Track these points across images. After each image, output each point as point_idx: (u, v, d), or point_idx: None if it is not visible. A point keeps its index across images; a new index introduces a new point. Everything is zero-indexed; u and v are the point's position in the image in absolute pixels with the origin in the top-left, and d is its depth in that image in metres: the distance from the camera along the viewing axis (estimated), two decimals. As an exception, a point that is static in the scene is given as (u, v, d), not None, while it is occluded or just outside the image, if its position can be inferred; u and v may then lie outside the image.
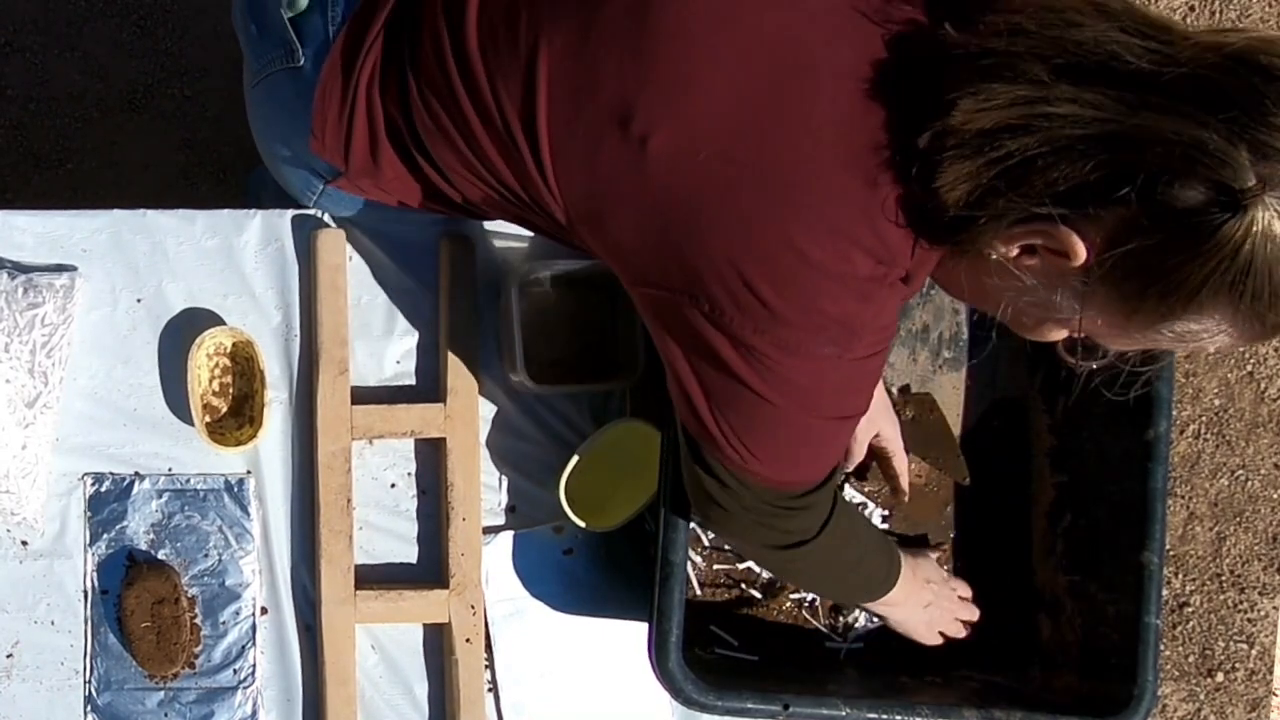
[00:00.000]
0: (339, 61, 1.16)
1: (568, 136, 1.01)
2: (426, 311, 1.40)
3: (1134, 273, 0.87)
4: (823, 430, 1.02)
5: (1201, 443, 2.37)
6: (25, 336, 1.33)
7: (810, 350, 0.95)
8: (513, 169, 1.07)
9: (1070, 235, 0.88)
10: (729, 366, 0.97)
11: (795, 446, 1.02)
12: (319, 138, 1.19)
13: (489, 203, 1.16)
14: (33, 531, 1.36)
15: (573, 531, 1.41)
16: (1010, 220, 0.90)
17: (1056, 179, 0.86)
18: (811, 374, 0.96)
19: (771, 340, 0.95)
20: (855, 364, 0.97)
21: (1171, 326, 0.89)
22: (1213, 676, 2.35)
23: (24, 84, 2.20)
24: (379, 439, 1.39)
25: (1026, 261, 0.92)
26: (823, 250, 0.93)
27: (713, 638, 1.39)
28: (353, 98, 1.15)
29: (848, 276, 0.94)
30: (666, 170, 0.96)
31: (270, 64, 1.22)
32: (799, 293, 0.94)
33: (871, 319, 0.96)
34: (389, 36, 1.14)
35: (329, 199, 1.31)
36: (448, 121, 1.09)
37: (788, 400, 0.98)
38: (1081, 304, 0.91)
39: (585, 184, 1.02)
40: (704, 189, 0.95)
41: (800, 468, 1.04)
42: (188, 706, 1.36)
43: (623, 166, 0.98)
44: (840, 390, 0.99)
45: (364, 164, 1.19)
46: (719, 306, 0.95)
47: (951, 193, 0.90)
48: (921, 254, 0.96)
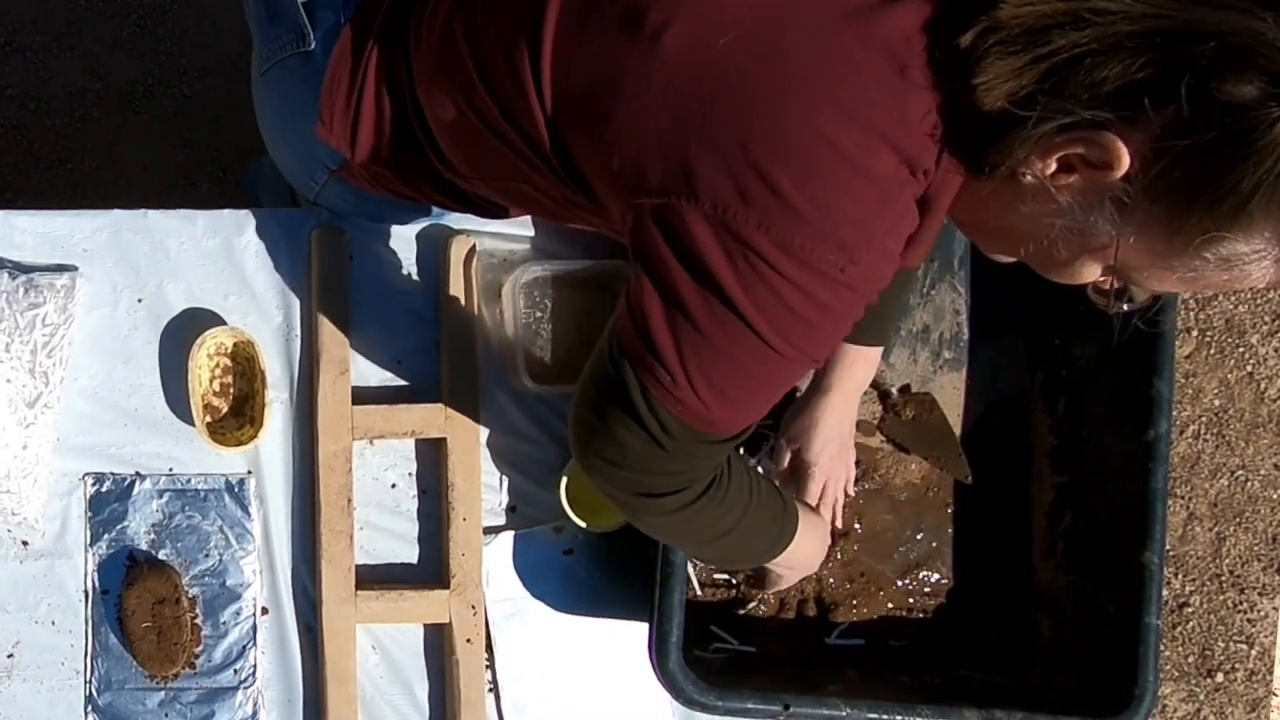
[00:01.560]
0: (349, 45, 1.17)
1: (571, 48, 0.97)
2: (427, 312, 1.40)
3: (1180, 181, 0.82)
4: (776, 366, 0.96)
5: (1201, 443, 2.37)
6: (26, 336, 1.33)
7: (813, 254, 0.89)
8: (500, 93, 1.03)
9: (1115, 141, 0.83)
10: (712, 275, 0.91)
11: (742, 379, 0.96)
12: (326, 123, 1.19)
13: (475, 163, 1.12)
14: (33, 531, 1.36)
15: (573, 532, 1.41)
16: (1051, 127, 0.85)
17: (1104, 78, 0.82)
18: (802, 286, 0.91)
19: (775, 238, 0.89)
20: (847, 286, 0.91)
21: (1217, 249, 0.84)
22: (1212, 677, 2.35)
23: (24, 84, 2.20)
24: (380, 439, 1.39)
25: (1064, 180, 0.87)
26: (849, 139, 0.88)
27: (713, 638, 1.39)
28: (361, 81, 1.16)
29: (872, 172, 0.89)
30: (680, 60, 0.92)
31: (281, 49, 1.23)
32: (822, 182, 0.88)
33: (885, 231, 0.91)
34: (397, 16, 1.15)
35: (331, 191, 1.31)
36: (441, 74, 1.08)
37: (764, 317, 0.92)
38: (1121, 222, 0.86)
39: (583, 83, 0.97)
40: (721, 76, 0.90)
41: (733, 405, 0.98)
42: (188, 707, 1.36)
43: (631, 62, 0.94)
44: (820, 316, 0.93)
45: (369, 149, 1.19)
46: (722, 201, 0.89)
47: (991, 92, 0.85)
48: (945, 170, 0.92)
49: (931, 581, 1.45)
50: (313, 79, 1.19)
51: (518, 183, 1.12)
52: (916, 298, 1.47)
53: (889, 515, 1.45)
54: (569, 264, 1.38)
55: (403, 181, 1.23)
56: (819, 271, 0.90)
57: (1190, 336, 2.38)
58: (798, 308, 0.91)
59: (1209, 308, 2.38)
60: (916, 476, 1.46)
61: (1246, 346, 2.39)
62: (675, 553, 1.22)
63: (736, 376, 0.96)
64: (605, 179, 0.99)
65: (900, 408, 1.45)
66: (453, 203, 1.25)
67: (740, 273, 0.90)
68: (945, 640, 1.44)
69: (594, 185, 1.02)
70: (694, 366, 0.94)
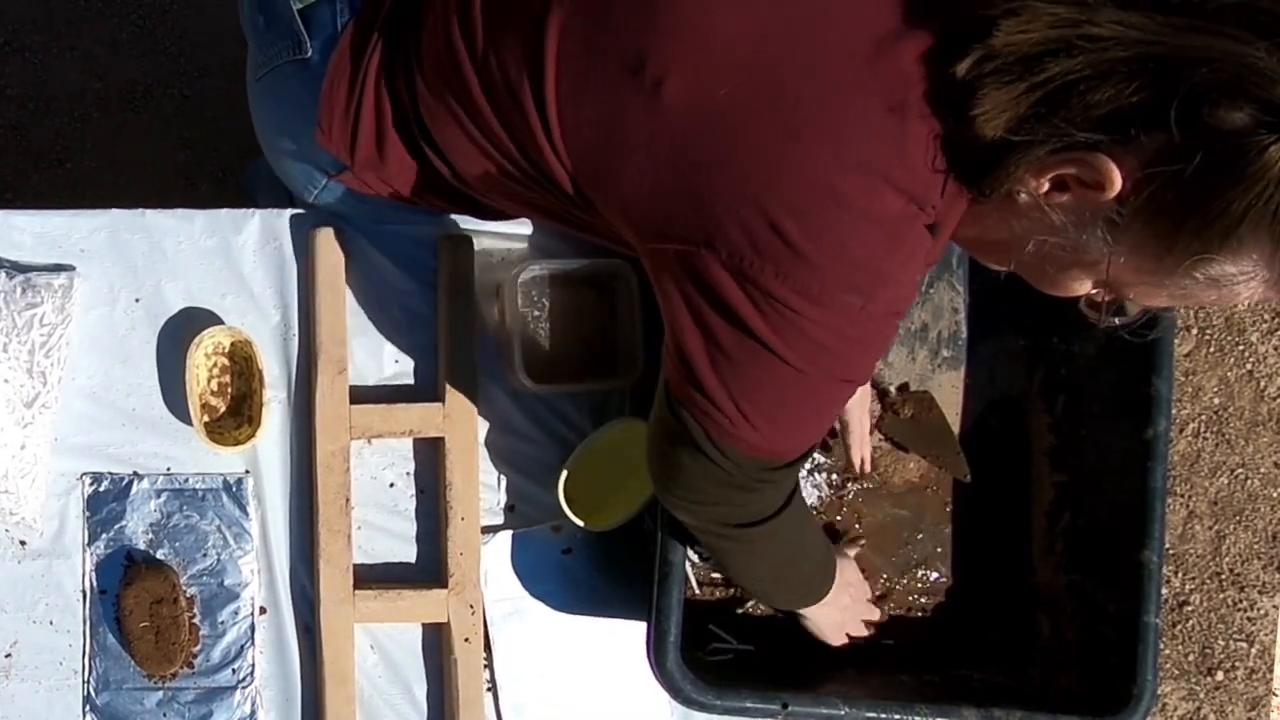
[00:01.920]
0: (347, 52, 1.16)
1: (576, 94, 0.98)
2: (426, 311, 1.40)
3: (1171, 205, 0.83)
4: (822, 392, 0.99)
5: (1201, 441, 2.37)
6: (24, 336, 1.33)
7: (832, 298, 0.91)
8: (516, 135, 1.05)
9: (1107, 163, 0.84)
10: (741, 319, 0.93)
11: (792, 408, 0.99)
12: (325, 130, 1.19)
13: (492, 183, 1.13)
14: (31, 531, 1.36)
15: (572, 531, 1.41)
16: (1046, 150, 0.86)
17: (1097, 102, 0.83)
18: (828, 326, 0.93)
19: (793, 286, 0.91)
20: (872, 320, 0.94)
21: (1206, 269, 0.85)
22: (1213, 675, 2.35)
23: (24, 84, 2.20)
24: (377, 438, 1.39)
25: (1057, 198, 0.89)
26: (852, 185, 0.89)
27: (711, 637, 1.39)
28: (360, 88, 1.15)
29: (878, 214, 0.90)
30: (682, 114, 0.93)
31: (277, 56, 1.22)
32: (826, 230, 0.90)
33: (898, 268, 0.93)
34: (396, 25, 1.14)
35: (330, 194, 1.31)
36: (449, 95, 1.08)
37: (798, 354, 0.94)
38: (1113, 242, 0.88)
39: (594, 139, 0.99)
40: (722, 128, 0.92)
41: (790, 433, 1.01)
42: (186, 706, 1.36)
43: (635, 116, 0.95)
44: (852, 347, 0.96)
45: (369, 156, 1.19)
46: (738, 252, 0.91)
47: (990, 122, 0.87)
48: (950, 198, 0.93)
49: (931, 581, 1.45)
50: (310, 85, 1.19)
51: (532, 205, 1.14)
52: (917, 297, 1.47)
53: (888, 514, 1.45)
54: (568, 263, 1.38)
55: (403, 187, 1.23)
56: (841, 311, 0.92)
57: (1190, 334, 2.38)
58: (829, 344, 0.94)
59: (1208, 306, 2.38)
60: (915, 475, 1.46)
61: (1246, 344, 2.38)
62: (673, 551, 1.22)
63: (787, 407, 0.99)
64: (624, 226, 1.02)
65: (899, 406, 1.45)
66: (456, 208, 1.25)
67: (766, 316, 0.93)
68: (945, 640, 1.44)
69: (615, 222, 1.04)
70: (745, 403, 0.97)
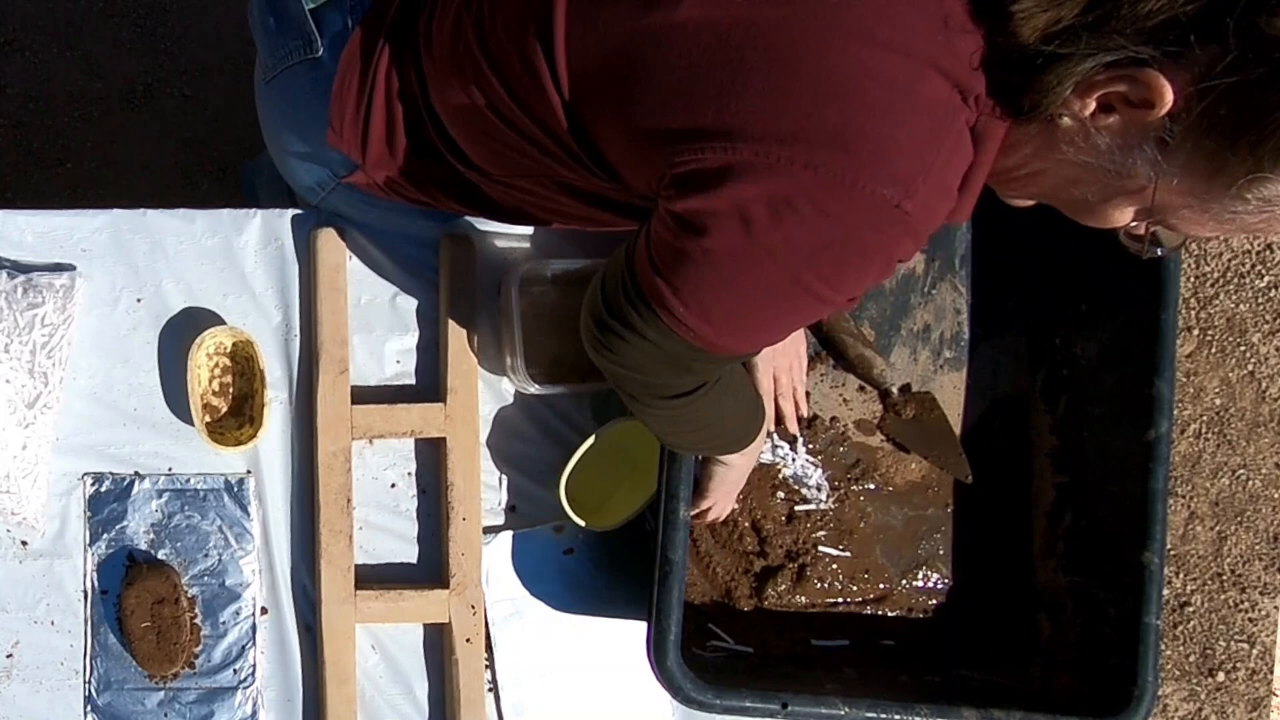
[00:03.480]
0: (358, 50, 1.16)
1: (585, 33, 0.96)
2: (426, 311, 1.40)
3: (1225, 120, 0.81)
4: (810, 306, 0.93)
5: (1203, 442, 2.37)
6: (25, 337, 1.33)
7: (863, 190, 0.86)
8: (511, 82, 1.02)
9: (1158, 78, 0.81)
10: (751, 224, 0.87)
11: (759, 314, 0.94)
12: (336, 129, 1.19)
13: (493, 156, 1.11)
14: (33, 531, 1.36)
15: (573, 531, 1.41)
16: (1093, 64, 0.83)
17: (1148, 13, 0.81)
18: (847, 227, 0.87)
19: (822, 176, 0.85)
20: (893, 229, 0.88)
21: (1259, 189, 0.82)
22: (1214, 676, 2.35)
23: (24, 83, 2.20)
24: (379, 439, 1.39)
25: (1104, 120, 0.86)
26: (897, 68, 0.86)
27: (711, 637, 1.39)
28: (371, 85, 1.15)
29: (922, 98, 0.86)
30: (703, 22, 0.89)
31: (287, 57, 1.22)
32: (868, 112, 0.85)
33: (941, 165, 0.88)
34: (405, 20, 1.14)
35: (338, 197, 1.30)
36: (452, 67, 1.08)
37: (803, 263, 0.88)
38: (1163, 163, 0.84)
39: (605, 60, 0.96)
40: (750, 27, 0.88)
41: (746, 336, 0.97)
42: (187, 706, 1.36)
43: (652, 32, 0.92)
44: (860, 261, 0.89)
45: (381, 154, 1.19)
46: (762, 148, 0.86)
47: (1029, 21, 0.83)
48: (988, 114, 0.89)
49: (932, 581, 1.45)
50: (322, 85, 1.19)
51: (540, 179, 1.12)
52: (918, 297, 1.47)
53: (889, 514, 1.45)
54: (569, 263, 1.38)
55: (415, 186, 1.22)
56: (871, 207, 0.87)
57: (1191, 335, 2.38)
58: (842, 250, 0.89)
59: (1210, 307, 2.38)
60: (917, 476, 1.46)
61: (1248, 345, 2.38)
62: (674, 551, 1.22)
63: (767, 316, 0.95)
64: (630, 151, 0.97)
65: (900, 407, 1.45)
66: (468, 208, 1.24)
67: (782, 218, 0.87)
68: (945, 640, 1.44)
69: (616, 162, 1.00)
70: (716, 305, 0.93)
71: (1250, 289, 2.39)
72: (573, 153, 1.04)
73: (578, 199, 1.12)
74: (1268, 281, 2.39)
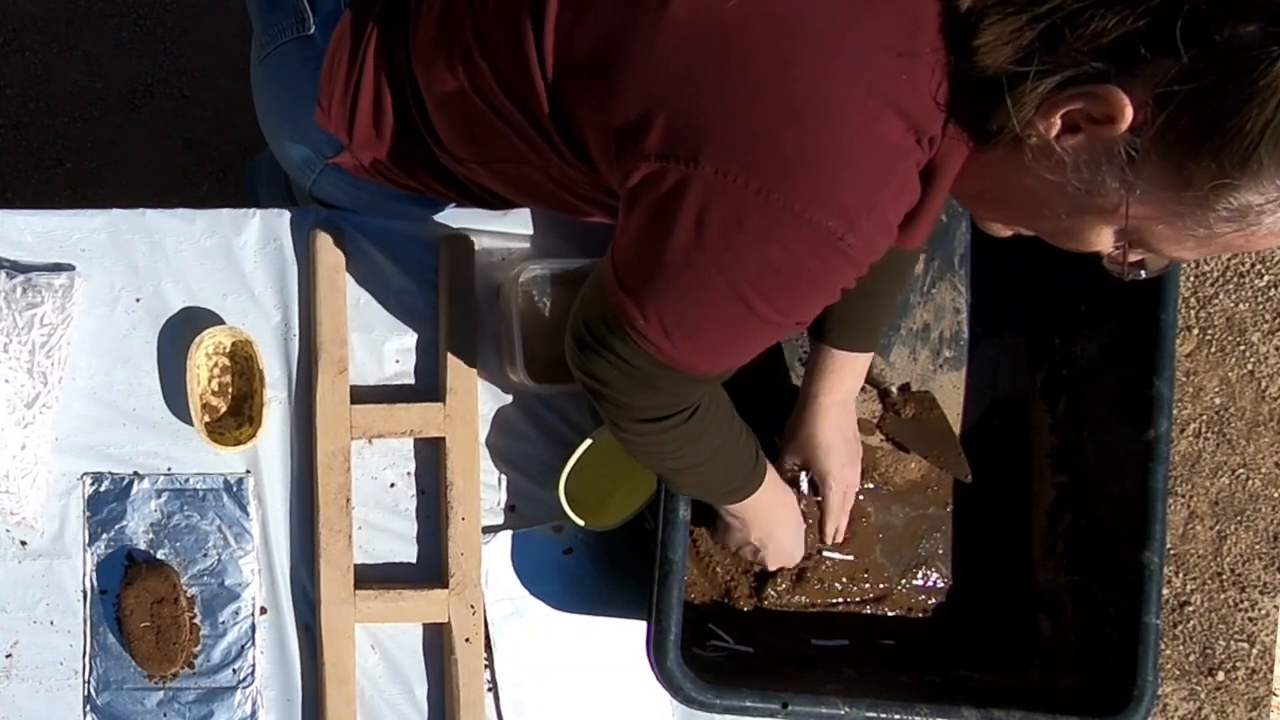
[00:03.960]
0: (348, 28, 1.17)
1: (577, 19, 0.98)
2: (426, 311, 1.40)
3: (1187, 129, 0.82)
4: (759, 328, 0.97)
5: (1202, 441, 2.37)
6: (24, 336, 1.33)
7: (813, 219, 0.89)
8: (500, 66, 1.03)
9: (1117, 93, 0.83)
10: (703, 240, 0.90)
11: (724, 335, 0.98)
12: (325, 108, 1.19)
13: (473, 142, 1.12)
14: (32, 531, 1.36)
15: (572, 531, 1.41)
16: (1052, 83, 0.85)
17: (1102, 31, 0.82)
18: (794, 250, 0.90)
19: (775, 201, 0.88)
20: (841, 255, 0.91)
21: (1228, 199, 0.83)
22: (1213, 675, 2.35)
23: (24, 83, 2.20)
24: (378, 438, 1.39)
25: (1069, 140, 0.87)
26: (858, 103, 0.88)
27: (711, 636, 1.39)
28: (360, 64, 1.16)
29: (877, 138, 0.89)
30: (688, 23, 0.91)
31: (280, 34, 1.22)
32: (824, 145, 0.88)
33: (887, 203, 0.91)
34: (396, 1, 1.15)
35: (327, 180, 1.31)
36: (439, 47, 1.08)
37: (750, 285, 0.92)
38: (1131, 177, 0.86)
39: (591, 53, 0.97)
40: (729, 39, 0.90)
41: (709, 354, 1.00)
42: (187, 706, 1.36)
43: (640, 26, 0.93)
44: (806, 286, 0.93)
45: (367, 134, 1.19)
46: (723, 166, 0.89)
47: (992, 54, 0.86)
48: (951, 140, 0.92)
49: (932, 581, 1.45)
50: (312, 63, 1.19)
51: (514, 163, 1.12)
52: (917, 296, 1.46)
53: (888, 514, 1.45)
54: (568, 263, 1.38)
55: (400, 169, 1.23)
56: (816, 237, 0.90)
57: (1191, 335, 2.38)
58: (788, 275, 0.92)
59: (1209, 306, 2.38)
60: (916, 475, 1.46)
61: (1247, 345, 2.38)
62: (674, 551, 1.22)
63: (719, 333, 0.97)
64: (605, 142, 0.99)
65: (900, 406, 1.45)
66: (450, 192, 1.25)
67: (731, 238, 0.90)
68: (945, 640, 1.44)
69: (592, 152, 1.02)
70: (673, 319, 0.96)
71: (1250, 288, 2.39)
72: (551, 140, 1.04)
73: (556, 187, 1.13)
74: (1267, 281, 2.39)
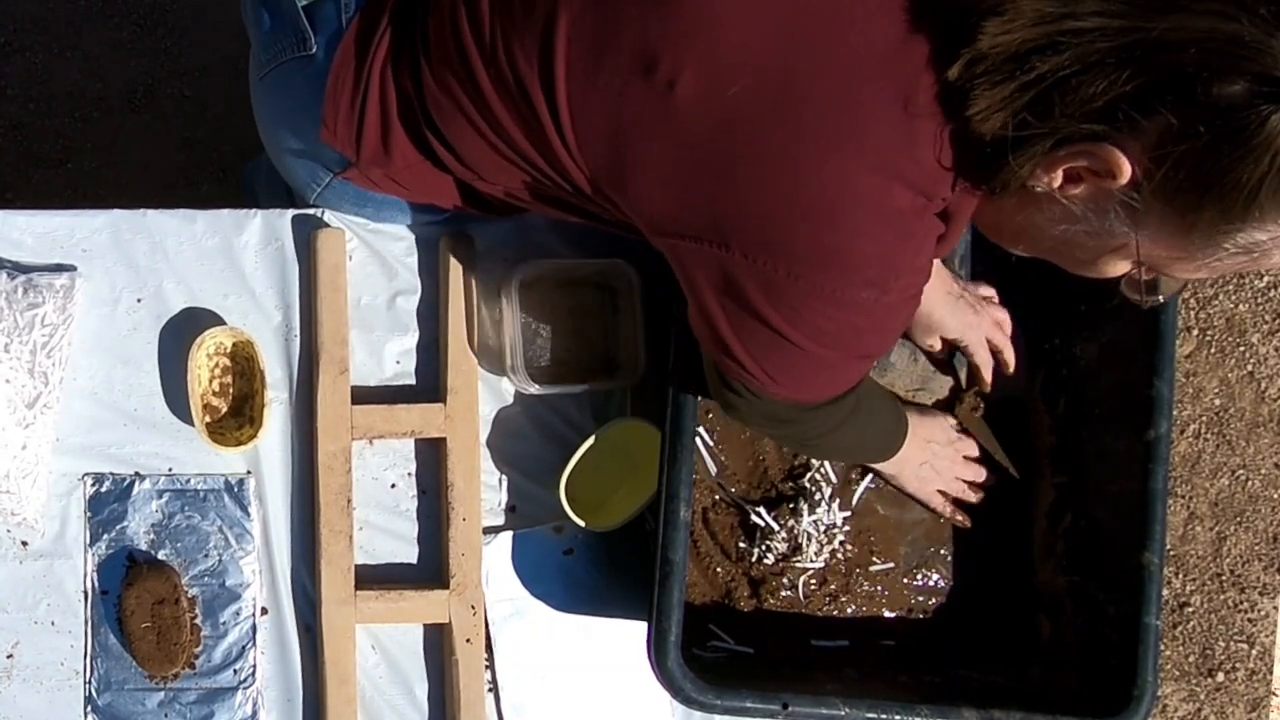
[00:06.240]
0: (352, 47, 1.16)
1: (587, 92, 0.99)
2: (426, 311, 1.40)
3: (1185, 184, 0.84)
4: (845, 365, 1.04)
5: (1202, 442, 2.37)
6: (25, 337, 1.33)
7: (847, 296, 0.93)
8: (529, 134, 1.05)
9: (1113, 152, 0.85)
10: (757, 311, 0.96)
11: (816, 377, 1.04)
12: (330, 127, 1.19)
13: (501, 172, 1.13)
14: (33, 532, 1.36)
15: (573, 531, 1.41)
16: (1049, 145, 0.87)
17: (1092, 95, 0.84)
18: (843, 320, 0.95)
19: (806, 285, 0.93)
20: (888, 308, 0.96)
21: (1234, 239, 0.85)
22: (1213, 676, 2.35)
23: (24, 84, 2.20)
24: (379, 439, 1.39)
25: (1072, 190, 0.89)
26: (865, 184, 0.90)
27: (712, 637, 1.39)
28: (365, 84, 1.15)
29: (888, 211, 0.91)
30: (695, 113, 0.93)
31: (281, 53, 1.22)
32: (839, 230, 0.91)
33: (910, 256, 0.94)
34: (402, 19, 1.14)
35: (333, 193, 1.31)
36: (460, 91, 1.08)
37: (815, 343, 0.98)
38: (1135, 225, 0.88)
39: (607, 139, 0.99)
40: (735, 128, 0.92)
41: (818, 391, 1.07)
42: (188, 707, 1.36)
43: (648, 116, 0.95)
44: (867, 334, 0.99)
45: (375, 153, 1.19)
46: (750, 252, 0.93)
47: (986, 122, 0.88)
48: (962, 193, 0.94)
49: (931, 581, 1.45)
50: (314, 82, 1.19)
51: (534, 189, 1.14)
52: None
53: (889, 514, 1.45)
54: (569, 263, 1.38)
55: (409, 183, 1.22)
56: (855, 307, 0.95)
57: (1191, 336, 2.38)
58: (846, 335, 0.97)
59: (1209, 307, 2.38)
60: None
61: (1247, 346, 2.38)
62: (674, 551, 1.22)
63: (815, 376, 1.04)
64: (638, 221, 1.03)
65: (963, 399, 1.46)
66: (461, 203, 1.25)
67: (781, 311, 0.95)
68: (945, 640, 1.44)
69: (629, 219, 1.05)
70: (772, 369, 1.02)
71: (1250, 289, 2.39)
72: (577, 189, 1.07)
73: (573, 212, 1.15)
74: (1267, 282, 2.39)
